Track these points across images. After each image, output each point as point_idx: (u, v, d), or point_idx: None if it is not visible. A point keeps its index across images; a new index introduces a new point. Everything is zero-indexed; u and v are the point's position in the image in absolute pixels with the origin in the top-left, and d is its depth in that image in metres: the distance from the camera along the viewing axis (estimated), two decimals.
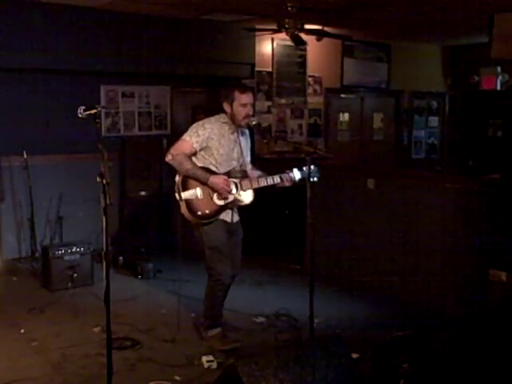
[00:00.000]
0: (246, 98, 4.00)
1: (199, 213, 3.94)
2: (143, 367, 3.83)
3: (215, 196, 3.96)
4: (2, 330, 4.42)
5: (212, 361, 3.85)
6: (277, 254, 6.60)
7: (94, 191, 3.33)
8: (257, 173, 4.18)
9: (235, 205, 4.06)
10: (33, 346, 4.14)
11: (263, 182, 4.04)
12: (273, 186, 4.10)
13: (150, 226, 6.89)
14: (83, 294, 5.23)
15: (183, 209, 3.95)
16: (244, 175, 4.06)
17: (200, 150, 3.97)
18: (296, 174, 4.04)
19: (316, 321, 4.12)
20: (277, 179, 4.04)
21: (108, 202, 2.84)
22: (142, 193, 6.85)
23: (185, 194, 3.92)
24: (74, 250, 5.45)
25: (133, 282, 5.70)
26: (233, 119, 4.01)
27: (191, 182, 3.95)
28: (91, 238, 5.70)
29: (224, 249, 4.02)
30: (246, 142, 4.17)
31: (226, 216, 4.07)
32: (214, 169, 3.99)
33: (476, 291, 4.62)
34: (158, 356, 3.96)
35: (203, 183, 3.93)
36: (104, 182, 2.83)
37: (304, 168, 3.94)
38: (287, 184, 4.06)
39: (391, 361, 3.26)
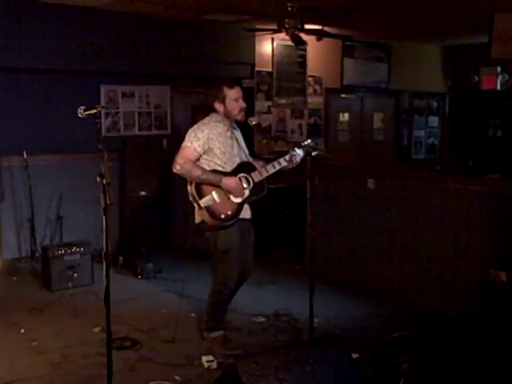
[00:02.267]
0: (236, 92, 3.99)
1: (223, 216, 3.87)
2: (143, 367, 3.83)
3: (231, 195, 3.92)
4: (2, 330, 4.42)
5: (212, 361, 3.84)
6: (277, 254, 6.60)
7: (93, 191, 3.33)
8: (260, 162, 4.16)
9: (252, 199, 4.02)
10: (33, 346, 4.14)
11: (272, 169, 4.00)
12: (281, 170, 4.05)
13: (150, 226, 6.89)
14: (83, 293, 5.23)
15: (205, 216, 3.86)
16: (252, 167, 4.03)
17: (203, 154, 3.94)
18: (298, 152, 3.99)
19: (316, 321, 4.12)
20: (283, 162, 4.00)
21: (108, 201, 2.84)
22: (142, 193, 6.85)
23: (203, 202, 3.85)
24: (73, 250, 5.45)
25: (133, 282, 5.70)
26: (228, 116, 4.00)
27: (204, 187, 3.88)
28: (91, 238, 5.70)
29: (235, 253, 3.97)
30: (240, 136, 4.17)
31: (245, 213, 4.03)
32: (220, 169, 3.95)
33: (476, 291, 4.62)
34: (158, 356, 3.96)
35: (216, 186, 3.88)
36: (104, 182, 2.83)
37: (303, 143, 3.97)
38: (294, 164, 4.01)
39: (391, 361, 3.26)
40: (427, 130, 10.16)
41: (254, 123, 4.04)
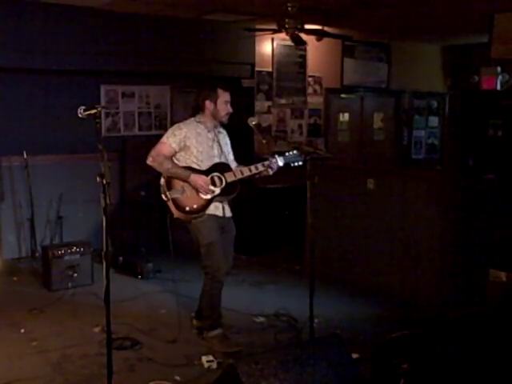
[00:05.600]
0: (228, 96, 4.16)
1: (187, 208, 4.01)
2: (143, 367, 3.83)
3: (200, 191, 4.03)
4: (2, 330, 4.42)
5: (212, 361, 3.85)
6: (277, 254, 6.60)
7: (93, 191, 3.34)
8: (242, 167, 4.23)
9: (223, 198, 4.10)
10: (33, 346, 4.14)
11: (247, 172, 4.09)
12: (258, 175, 4.13)
13: (150, 226, 6.89)
14: (83, 293, 5.22)
15: (172, 208, 4.02)
16: (227, 168, 4.12)
17: (180, 151, 4.07)
18: (279, 160, 4.07)
19: (316, 321, 4.12)
20: (260, 167, 4.08)
21: (108, 201, 2.84)
22: (142, 193, 6.85)
23: (171, 193, 4.01)
24: (73, 249, 5.45)
25: (133, 282, 5.70)
26: (215, 116, 4.13)
27: (175, 181, 4.03)
28: (91, 238, 5.70)
29: (217, 246, 4.06)
30: (224, 140, 4.28)
31: (217, 210, 4.10)
32: (196, 167, 4.06)
33: (476, 291, 4.62)
34: (158, 356, 3.96)
35: (184, 181, 4.00)
36: (104, 182, 2.83)
37: (287, 153, 4.04)
38: (271, 172, 4.09)
39: (391, 361, 3.26)
40: (427, 130, 10.15)
41: (253, 123, 4.09)
